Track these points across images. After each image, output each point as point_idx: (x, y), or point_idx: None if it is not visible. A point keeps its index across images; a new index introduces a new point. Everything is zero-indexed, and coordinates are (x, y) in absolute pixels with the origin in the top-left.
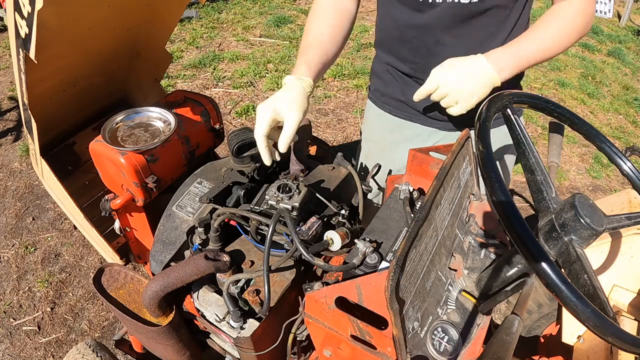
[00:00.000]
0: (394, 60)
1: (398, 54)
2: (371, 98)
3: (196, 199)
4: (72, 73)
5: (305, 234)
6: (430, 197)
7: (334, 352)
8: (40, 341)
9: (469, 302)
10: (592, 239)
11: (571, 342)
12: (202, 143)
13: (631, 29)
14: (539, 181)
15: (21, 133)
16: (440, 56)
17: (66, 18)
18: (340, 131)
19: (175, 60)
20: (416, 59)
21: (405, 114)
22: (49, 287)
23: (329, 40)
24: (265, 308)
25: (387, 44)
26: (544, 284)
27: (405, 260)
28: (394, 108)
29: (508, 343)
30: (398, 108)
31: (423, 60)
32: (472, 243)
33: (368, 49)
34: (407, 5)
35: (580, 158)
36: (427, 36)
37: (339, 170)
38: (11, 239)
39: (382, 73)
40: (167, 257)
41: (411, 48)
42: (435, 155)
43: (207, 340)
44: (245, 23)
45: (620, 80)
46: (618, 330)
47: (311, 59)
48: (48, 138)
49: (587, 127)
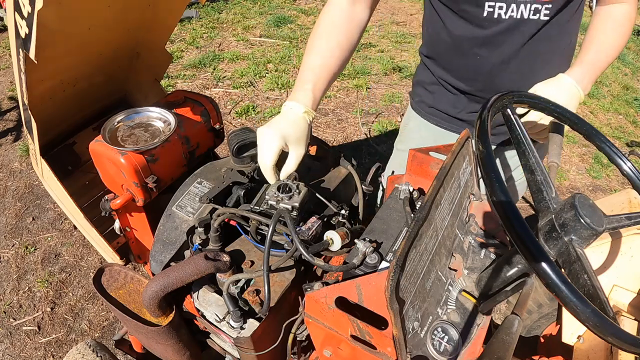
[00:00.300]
0: (449, 76)
1: (454, 70)
2: (415, 109)
3: (196, 199)
4: (72, 73)
5: (305, 234)
6: (430, 197)
7: (334, 352)
8: (40, 341)
9: (469, 302)
10: (592, 239)
11: (571, 342)
12: (202, 143)
13: None
14: (539, 181)
15: (21, 133)
16: (504, 74)
17: (66, 18)
18: (340, 131)
19: (175, 60)
20: (477, 77)
21: (453, 126)
22: (49, 287)
23: (337, 64)
24: (265, 308)
25: (440, 58)
26: (544, 284)
27: (405, 260)
28: (441, 120)
29: (508, 343)
30: (447, 120)
31: (484, 78)
32: (472, 243)
33: (368, 49)
34: (466, 20)
35: (580, 158)
36: (492, 54)
37: (339, 170)
38: (11, 239)
39: (431, 86)
40: (167, 257)
41: (471, 65)
42: (435, 155)
43: (207, 340)
44: (245, 23)
45: (620, 80)
46: (618, 330)
47: (318, 86)
48: (48, 138)
49: (587, 127)
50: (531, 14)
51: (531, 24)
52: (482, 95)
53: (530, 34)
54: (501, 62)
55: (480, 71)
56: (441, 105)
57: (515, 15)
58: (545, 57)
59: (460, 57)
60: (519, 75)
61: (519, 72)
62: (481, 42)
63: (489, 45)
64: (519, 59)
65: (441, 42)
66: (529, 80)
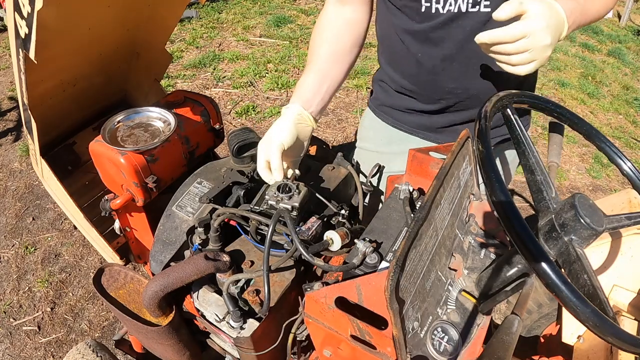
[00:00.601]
0: (395, 74)
1: (399, 68)
2: (370, 106)
3: (196, 199)
4: (72, 73)
5: (305, 234)
6: (430, 197)
7: (333, 352)
8: (40, 341)
9: (469, 302)
10: (592, 239)
11: (571, 342)
12: (202, 143)
13: (631, 29)
14: (539, 181)
15: (21, 133)
16: (446, 73)
17: (66, 18)
18: (340, 131)
19: (175, 60)
20: (419, 75)
21: (404, 126)
22: (49, 287)
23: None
24: (265, 308)
25: (389, 56)
26: (544, 284)
27: (405, 260)
28: (391, 118)
29: (508, 343)
30: (397, 119)
31: (426, 77)
32: (472, 243)
33: (368, 48)
34: (408, 16)
35: (580, 158)
36: (432, 50)
37: (339, 170)
38: (11, 239)
39: (383, 84)
40: (167, 257)
41: (414, 63)
42: (435, 155)
43: (207, 340)
44: (245, 23)
45: (620, 80)
46: (618, 330)
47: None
48: (48, 138)
49: (587, 127)
50: (469, 6)
51: (471, 17)
52: (425, 93)
53: (472, 29)
54: (442, 59)
55: (422, 69)
56: (390, 102)
57: (453, 9)
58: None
59: (405, 55)
60: (463, 74)
61: (461, 71)
62: (423, 39)
63: (429, 42)
64: (461, 56)
65: (389, 39)
66: (473, 80)
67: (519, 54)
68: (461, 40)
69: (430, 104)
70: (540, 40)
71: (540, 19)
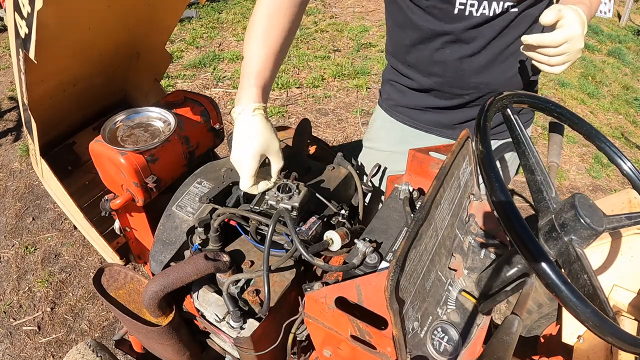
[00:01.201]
0: (414, 72)
1: (419, 66)
2: (382, 106)
3: (196, 199)
4: (72, 73)
5: (305, 234)
6: (430, 197)
7: (333, 352)
8: (40, 341)
9: (469, 302)
10: (592, 239)
11: (571, 342)
12: (202, 143)
13: (631, 29)
14: (539, 181)
15: (21, 133)
16: (471, 67)
17: (66, 18)
18: (340, 131)
19: (175, 60)
20: (444, 72)
21: (419, 124)
22: (49, 287)
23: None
24: (265, 308)
25: (406, 54)
26: (544, 284)
27: (405, 260)
28: (406, 117)
29: (508, 343)
30: (412, 118)
31: (451, 73)
32: (472, 243)
33: (368, 48)
34: (435, 17)
35: (580, 158)
36: (461, 48)
37: (339, 170)
38: (11, 239)
39: (396, 83)
40: (167, 257)
41: (438, 60)
42: (435, 155)
43: (207, 340)
44: (245, 23)
45: (620, 80)
46: (618, 330)
47: (266, 81)
48: (48, 138)
49: (587, 127)
50: (503, 9)
51: (502, 18)
52: (447, 90)
53: (501, 28)
54: (470, 55)
55: (447, 66)
56: (406, 102)
57: (487, 13)
58: (512, 48)
59: (427, 52)
60: (487, 69)
61: (486, 66)
62: (453, 39)
63: (459, 42)
64: (488, 52)
65: (409, 39)
66: (496, 74)
67: (558, 56)
68: (490, 38)
69: (452, 100)
70: (577, 44)
71: (577, 25)
